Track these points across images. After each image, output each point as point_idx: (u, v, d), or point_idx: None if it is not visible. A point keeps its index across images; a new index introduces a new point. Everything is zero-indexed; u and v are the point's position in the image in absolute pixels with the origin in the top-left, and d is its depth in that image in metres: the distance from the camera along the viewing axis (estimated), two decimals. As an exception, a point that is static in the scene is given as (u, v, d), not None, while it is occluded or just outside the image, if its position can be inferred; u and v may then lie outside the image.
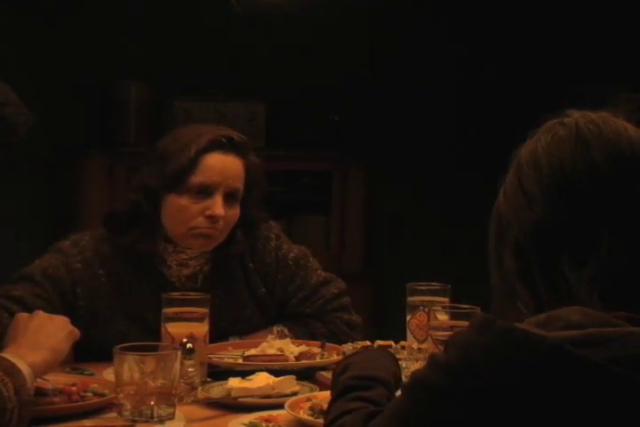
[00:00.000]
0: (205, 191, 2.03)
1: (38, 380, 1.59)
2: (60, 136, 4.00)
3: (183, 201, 2.03)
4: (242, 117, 4.17)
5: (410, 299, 2.10)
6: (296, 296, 2.23)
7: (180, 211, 2.04)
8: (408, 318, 2.09)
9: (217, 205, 2.02)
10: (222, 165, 2.05)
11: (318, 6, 4.20)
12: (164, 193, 2.06)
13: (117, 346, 1.63)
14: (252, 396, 1.72)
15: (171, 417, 1.61)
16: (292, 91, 4.18)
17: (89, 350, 1.99)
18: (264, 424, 1.61)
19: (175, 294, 1.93)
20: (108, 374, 1.84)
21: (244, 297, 2.20)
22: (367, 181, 4.27)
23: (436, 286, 2.11)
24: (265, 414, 1.66)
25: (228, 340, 2.17)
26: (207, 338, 1.90)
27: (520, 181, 1.04)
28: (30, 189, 3.99)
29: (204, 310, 1.89)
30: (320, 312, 2.24)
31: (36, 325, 1.65)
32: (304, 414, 1.60)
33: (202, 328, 1.87)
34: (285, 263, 2.22)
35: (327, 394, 1.68)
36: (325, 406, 1.61)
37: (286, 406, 1.63)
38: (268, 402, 1.71)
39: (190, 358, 1.76)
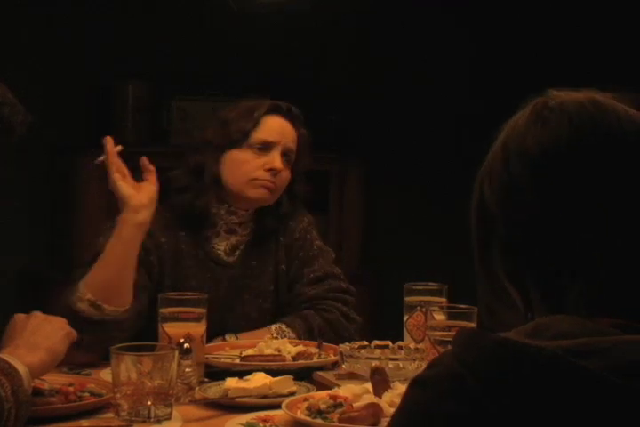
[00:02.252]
0: (266, 147, 2.22)
1: (35, 380, 1.59)
2: (58, 136, 4.00)
3: (246, 155, 2.21)
4: (240, 117, 4.17)
5: (407, 299, 2.10)
6: (307, 277, 2.30)
7: (243, 163, 2.21)
8: (405, 318, 2.09)
9: (276, 160, 2.21)
10: (281, 127, 2.25)
11: (317, 6, 4.20)
12: (227, 150, 2.22)
13: (114, 346, 1.64)
14: (249, 396, 1.72)
15: (168, 417, 1.61)
16: (289, 91, 4.18)
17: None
18: (261, 424, 1.61)
19: (172, 294, 1.94)
20: (106, 374, 1.84)
21: (271, 271, 2.31)
22: (365, 182, 4.28)
23: (433, 286, 2.11)
24: (262, 414, 1.66)
25: (224, 338, 2.18)
26: (204, 338, 1.90)
27: (509, 174, 0.97)
28: (28, 189, 3.99)
29: (202, 310, 1.89)
30: (322, 297, 2.27)
31: (34, 325, 1.65)
32: (301, 415, 1.60)
33: (199, 328, 1.87)
34: (310, 246, 2.34)
35: (324, 394, 1.68)
36: (322, 406, 1.61)
37: (283, 406, 1.63)
38: (266, 402, 1.71)
39: (187, 359, 1.76)
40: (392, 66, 4.53)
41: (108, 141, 2.16)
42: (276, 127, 2.24)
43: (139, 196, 2.09)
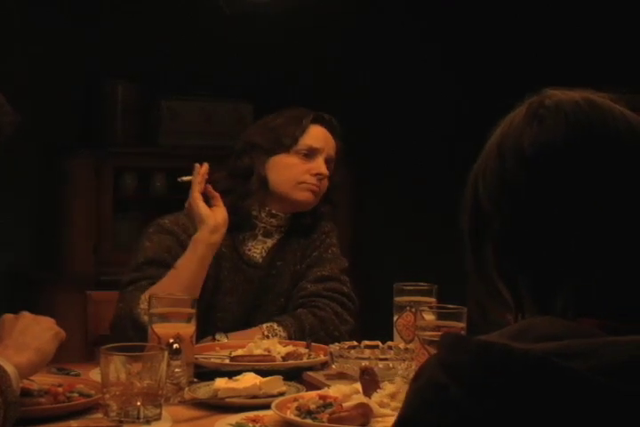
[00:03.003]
0: (311, 154, 2.32)
1: (24, 380, 1.58)
2: (47, 136, 3.99)
3: (293, 160, 2.31)
4: (229, 118, 4.18)
5: (397, 299, 2.10)
6: (313, 275, 2.34)
7: (291, 167, 2.31)
8: (395, 318, 2.09)
9: (322, 166, 2.32)
10: (325, 136, 2.36)
11: (306, 7, 4.20)
12: (274, 154, 2.31)
13: (104, 346, 1.63)
14: (238, 396, 1.72)
15: (157, 418, 1.60)
16: (279, 91, 4.18)
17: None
18: (251, 425, 1.60)
19: (161, 295, 1.94)
20: (95, 374, 1.84)
21: (292, 270, 2.36)
22: (354, 183, 4.27)
23: (423, 286, 2.11)
24: (252, 414, 1.65)
25: (214, 337, 2.18)
26: (194, 338, 1.90)
27: (504, 172, 0.96)
28: (17, 189, 3.98)
29: (191, 311, 1.88)
30: (319, 295, 2.30)
31: (22, 326, 1.64)
32: (291, 415, 1.60)
33: (188, 329, 1.87)
34: (325, 249, 2.41)
35: (314, 394, 1.68)
36: (312, 406, 1.61)
37: (273, 406, 1.62)
38: (255, 402, 1.71)
39: (177, 359, 1.76)
40: (381, 67, 4.53)
41: (202, 167, 2.23)
42: (320, 135, 2.35)
43: (215, 217, 2.17)
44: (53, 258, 4.06)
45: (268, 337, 2.18)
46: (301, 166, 2.31)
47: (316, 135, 2.34)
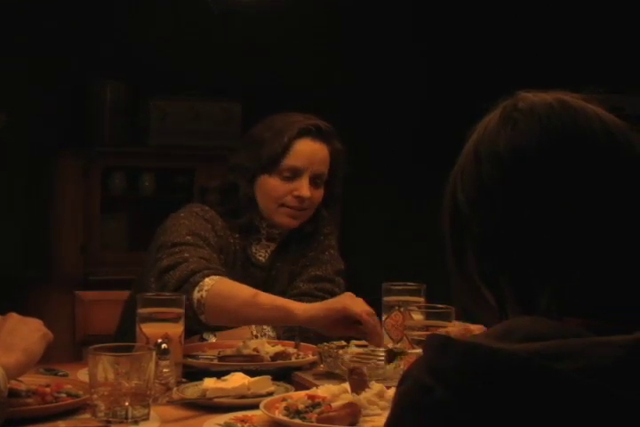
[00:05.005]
0: (294, 174, 2.26)
1: (12, 381, 1.58)
2: (35, 136, 3.98)
3: (275, 181, 2.27)
4: (218, 117, 4.17)
5: (385, 299, 2.10)
6: (308, 274, 2.34)
7: (272, 190, 2.27)
8: (384, 317, 2.09)
9: (304, 187, 2.26)
10: (311, 151, 2.28)
11: (293, 6, 4.20)
12: (259, 174, 2.28)
13: (91, 346, 1.63)
14: (227, 396, 1.71)
15: (145, 418, 1.60)
16: (267, 90, 4.18)
17: None
18: (239, 425, 1.60)
19: (150, 295, 1.93)
20: (82, 374, 1.83)
21: (288, 270, 2.36)
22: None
23: (411, 285, 2.11)
24: (240, 414, 1.65)
25: (202, 337, 2.17)
26: (182, 338, 1.90)
27: (480, 176, 0.97)
28: (5, 190, 3.97)
29: (179, 311, 1.88)
30: (310, 294, 2.29)
31: (10, 326, 1.63)
32: (279, 415, 1.60)
33: (177, 328, 1.87)
34: (323, 250, 2.39)
35: (302, 394, 1.68)
36: (301, 406, 1.61)
37: (262, 406, 1.62)
38: (244, 402, 1.71)
39: (165, 359, 1.76)
40: (368, 65, 4.53)
41: None
42: (306, 152, 2.27)
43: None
44: (41, 258, 4.05)
45: (256, 337, 2.18)
46: (283, 188, 2.26)
47: (301, 153, 2.26)
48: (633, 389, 0.82)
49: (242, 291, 2.05)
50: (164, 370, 1.75)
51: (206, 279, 2.04)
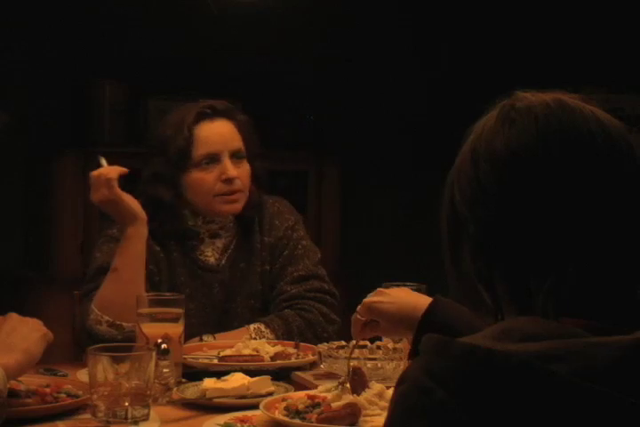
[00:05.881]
0: (211, 159, 2.19)
1: (11, 381, 1.58)
2: (35, 136, 3.97)
3: (197, 174, 2.20)
4: (217, 117, 4.16)
5: (385, 299, 2.09)
6: (290, 275, 2.29)
7: (199, 184, 2.20)
8: (383, 317, 2.08)
9: (228, 168, 2.19)
10: (216, 133, 2.21)
11: (293, 6, 4.20)
12: (178, 174, 2.20)
13: (91, 347, 1.63)
14: (227, 396, 1.71)
15: (145, 418, 1.60)
16: (267, 91, 4.18)
17: None
18: (239, 425, 1.60)
19: (149, 295, 1.93)
20: (82, 374, 1.84)
21: (258, 271, 2.31)
22: (343, 182, 4.28)
23: (411, 285, 2.11)
24: (240, 414, 1.65)
25: (202, 338, 2.17)
26: (182, 338, 1.90)
27: (477, 176, 0.97)
28: (3, 190, 3.96)
29: (179, 311, 1.88)
30: (303, 296, 2.27)
31: (10, 327, 1.63)
32: (279, 415, 1.60)
33: (177, 329, 1.87)
34: (295, 245, 2.33)
35: (302, 394, 1.68)
36: (300, 406, 1.61)
37: (261, 406, 1.62)
38: (243, 402, 1.71)
39: (165, 359, 1.76)
40: (367, 66, 4.53)
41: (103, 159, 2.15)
42: (211, 136, 2.20)
43: (142, 209, 2.09)
44: (40, 258, 4.05)
45: (255, 339, 2.18)
46: (208, 177, 2.19)
47: (206, 138, 2.20)
48: (631, 390, 0.82)
49: None
50: (164, 370, 1.75)
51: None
